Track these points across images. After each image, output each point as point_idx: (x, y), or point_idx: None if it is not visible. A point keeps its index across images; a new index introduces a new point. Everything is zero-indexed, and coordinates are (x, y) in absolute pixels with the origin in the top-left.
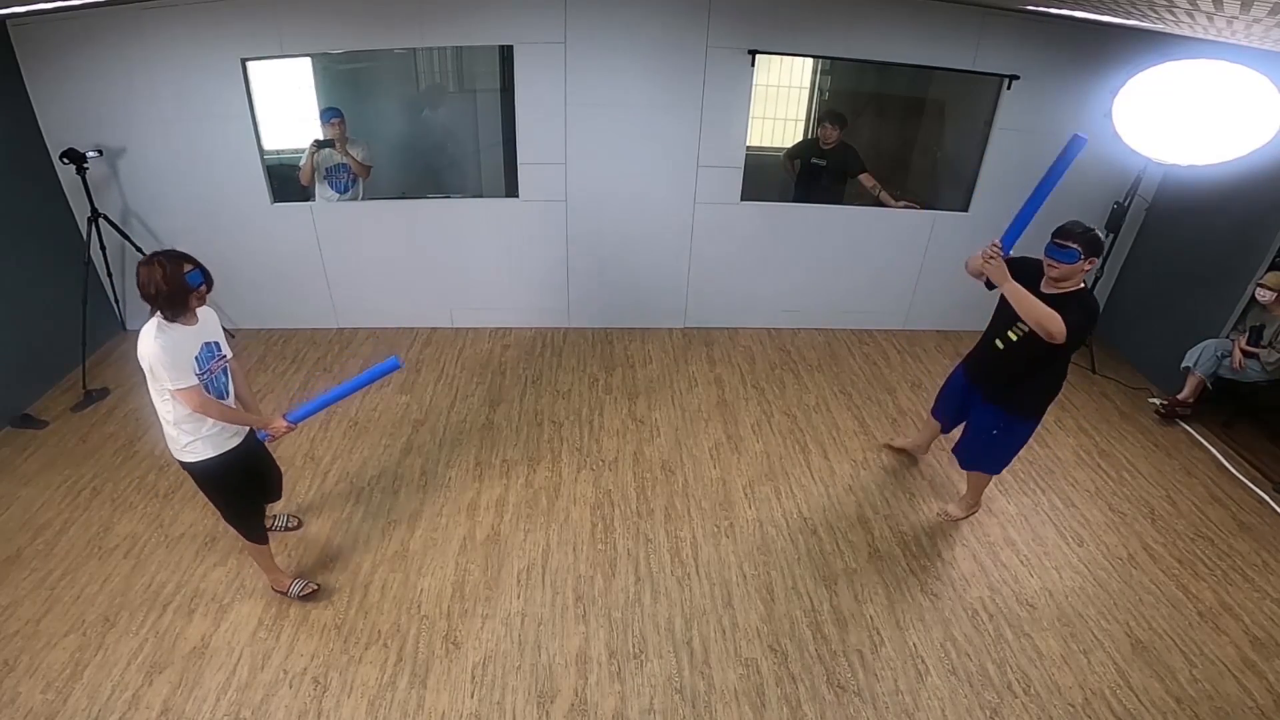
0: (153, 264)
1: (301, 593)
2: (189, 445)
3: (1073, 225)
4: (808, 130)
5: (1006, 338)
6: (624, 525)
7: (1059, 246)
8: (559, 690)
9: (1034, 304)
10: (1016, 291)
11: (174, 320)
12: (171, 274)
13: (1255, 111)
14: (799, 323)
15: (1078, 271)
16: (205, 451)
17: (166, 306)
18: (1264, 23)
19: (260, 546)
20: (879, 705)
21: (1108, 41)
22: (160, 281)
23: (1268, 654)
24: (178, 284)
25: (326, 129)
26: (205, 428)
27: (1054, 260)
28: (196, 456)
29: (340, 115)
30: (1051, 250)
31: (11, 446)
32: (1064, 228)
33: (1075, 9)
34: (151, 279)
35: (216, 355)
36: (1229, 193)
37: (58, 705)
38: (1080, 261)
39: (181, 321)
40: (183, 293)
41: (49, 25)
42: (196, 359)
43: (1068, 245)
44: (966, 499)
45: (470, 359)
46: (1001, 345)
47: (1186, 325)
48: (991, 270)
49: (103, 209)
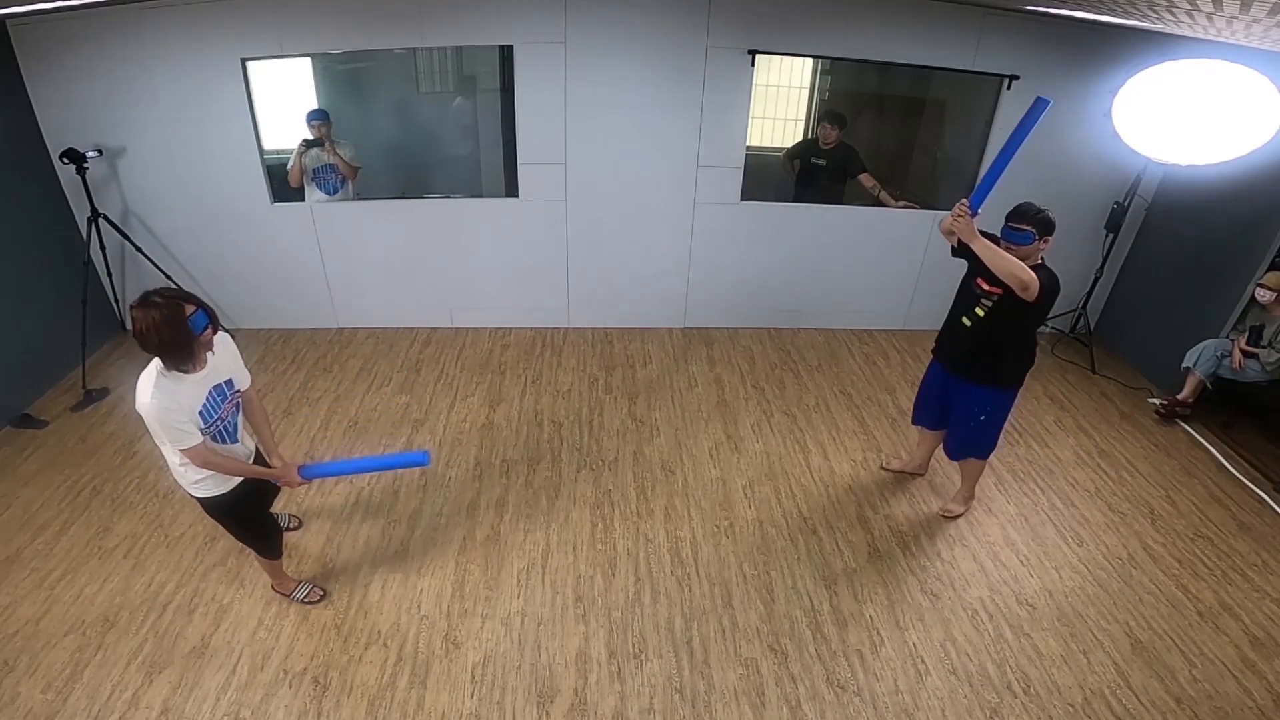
0: (148, 307)
1: (306, 598)
2: (197, 482)
3: (1026, 207)
4: (808, 130)
5: (974, 314)
6: (624, 525)
7: (1014, 229)
8: (559, 690)
9: (1005, 257)
10: (987, 247)
11: (179, 370)
12: (172, 319)
13: (1255, 111)
14: (799, 323)
15: (1035, 252)
16: (214, 488)
17: (170, 357)
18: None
19: (274, 562)
20: (879, 705)
21: (1108, 41)
22: (160, 328)
23: (1268, 654)
24: (180, 331)
25: (311, 130)
26: (205, 472)
27: (1011, 243)
28: (205, 492)
29: (325, 117)
30: (1007, 233)
31: (11, 446)
32: (1018, 210)
33: (1075, 9)
34: (150, 326)
35: (228, 397)
36: (1229, 193)
37: (58, 705)
38: (1036, 242)
39: (186, 370)
40: (186, 341)
41: (49, 25)
42: (202, 412)
43: (1022, 228)
44: (963, 492)
45: (470, 359)
46: (969, 322)
47: (1186, 325)
48: (961, 227)
49: (103, 209)
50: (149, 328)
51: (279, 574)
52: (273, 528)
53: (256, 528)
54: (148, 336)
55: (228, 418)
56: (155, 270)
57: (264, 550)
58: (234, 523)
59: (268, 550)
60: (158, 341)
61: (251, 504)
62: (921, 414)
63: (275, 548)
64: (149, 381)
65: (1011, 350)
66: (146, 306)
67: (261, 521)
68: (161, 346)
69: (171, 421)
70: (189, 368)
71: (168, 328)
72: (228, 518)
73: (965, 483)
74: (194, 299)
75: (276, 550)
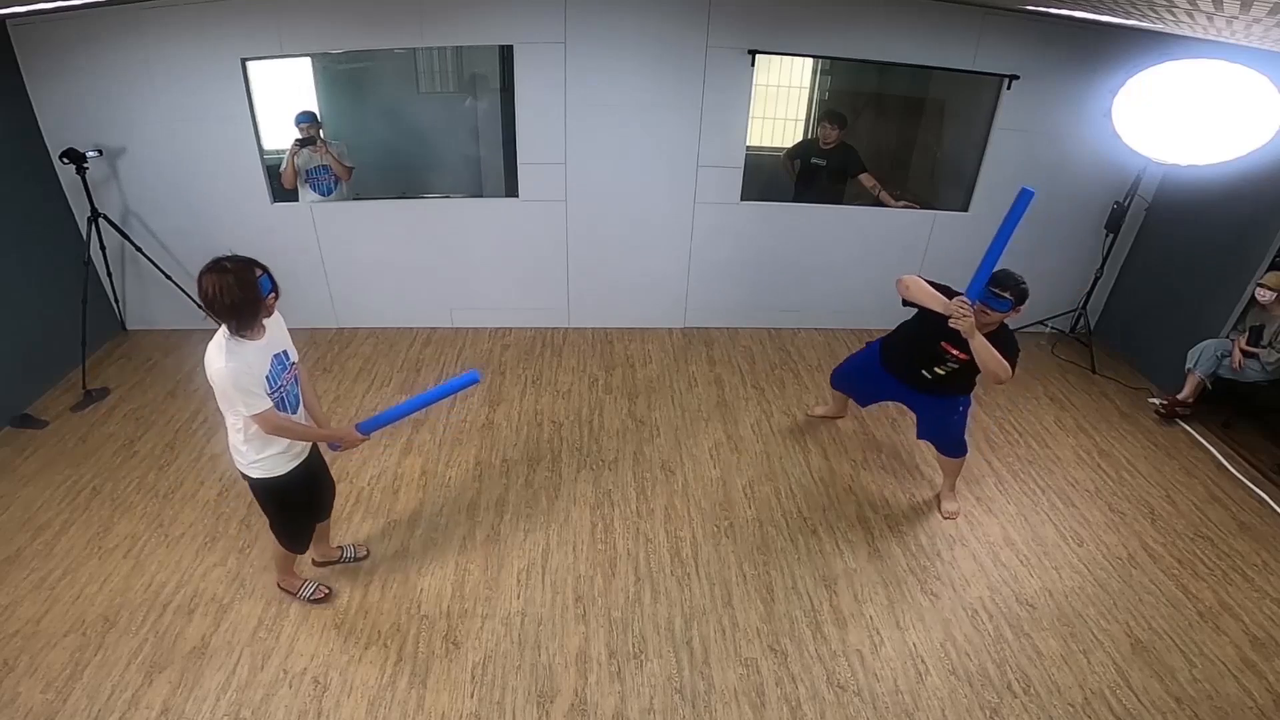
0: (222, 271)
1: (313, 596)
2: (255, 462)
3: (1006, 278)
4: (808, 130)
5: (934, 371)
6: (624, 525)
7: (995, 295)
8: (559, 690)
9: (993, 353)
10: (983, 347)
11: (242, 336)
12: (243, 280)
13: (1255, 111)
14: (799, 323)
15: (1004, 318)
16: (270, 470)
17: (238, 320)
18: (1264, 23)
19: (293, 555)
20: (879, 705)
21: (1108, 41)
22: (234, 290)
23: (1268, 654)
24: (251, 292)
25: (300, 132)
26: (273, 448)
27: (989, 308)
28: (261, 473)
29: (313, 119)
30: (989, 299)
31: (11, 446)
32: (999, 278)
33: (1075, 9)
34: (224, 289)
35: (287, 366)
36: (1229, 193)
37: (58, 705)
38: (1009, 310)
39: (249, 336)
40: (254, 302)
41: (49, 25)
42: (268, 377)
43: (1003, 295)
44: (948, 487)
45: (470, 359)
46: (930, 377)
47: (1186, 325)
48: (965, 327)
49: (103, 209)
50: (221, 289)
51: (289, 571)
52: (308, 523)
53: (297, 517)
54: (218, 298)
55: (288, 387)
56: (155, 270)
57: (292, 543)
58: (279, 508)
59: (296, 544)
60: (229, 303)
61: (301, 492)
62: (846, 387)
63: (304, 543)
64: (218, 348)
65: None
66: (218, 271)
67: (303, 512)
68: (231, 308)
69: (246, 384)
70: (252, 332)
71: (239, 289)
72: (276, 502)
73: (949, 478)
74: (259, 263)
75: (303, 546)
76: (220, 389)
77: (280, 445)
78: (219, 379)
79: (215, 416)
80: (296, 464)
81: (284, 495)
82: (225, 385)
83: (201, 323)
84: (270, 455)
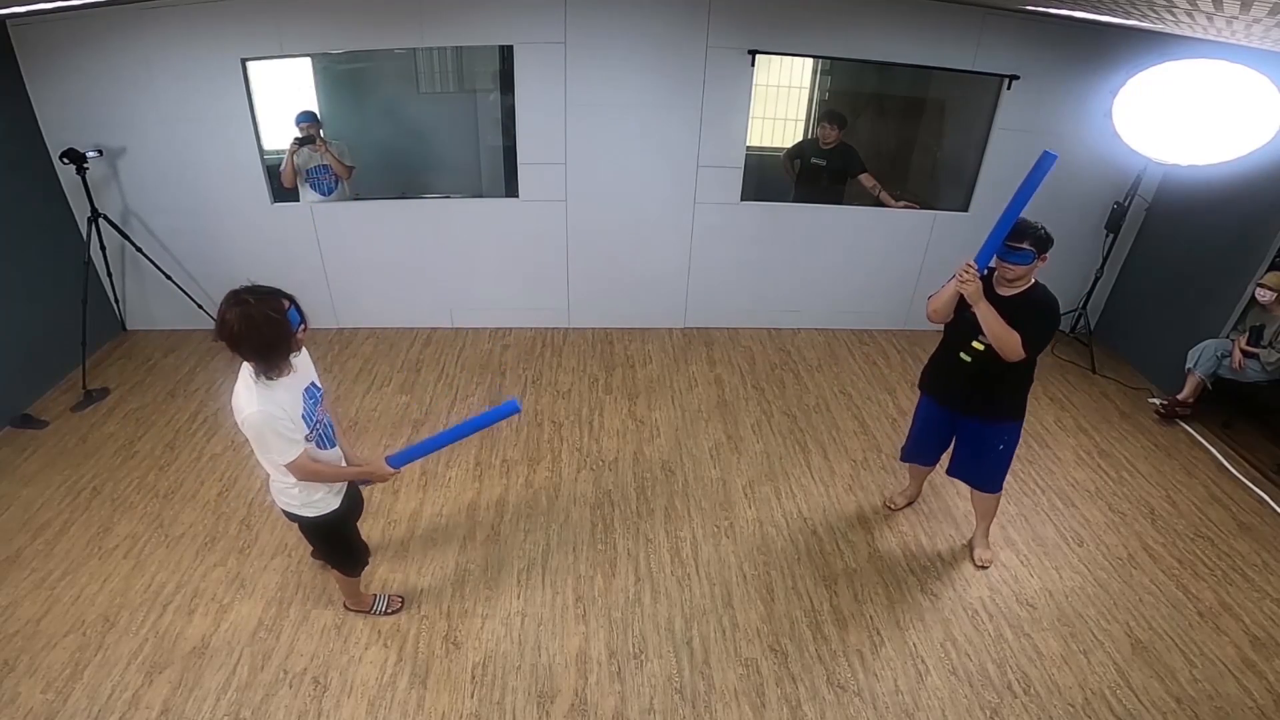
0: (243, 305)
1: (387, 609)
2: (307, 504)
3: (1023, 226)
4: (808, 130)
5: (972, 349)
6: (624, 525)
7: (1012, 249)
8: (559, 690)
9: (1001, 327)
10: (988, 314)
11: (271, 377)
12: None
13: (1255, 111)
14: (799, 323)
15: (1032, 270)
16: (322, 509)
17: (266, 361)
18: (1264, 23)
19: (355, 580)
20: (879, 705)
21: (1108, 41)
22: (262, 327)
23: (1268, 654)
24: (282, 329)
25: (300, 131)
26: (320, 491)
27: (1009, 263)
28: (314, 513)
29: (313, 119)
30: (1006, 253)
31: (11, 446)
32: (1016, 229)
33: (1075, 9)
34: (249, 327)
35: (319, 399)
36: (1229, 193)
37: (58, 705)
38: (1035, 261)
39: (279, 375)
40: (285, 339)
41: (49, 25)
42: (304, 416)
43: (1021, 246)
44: (982, 528)
45: (470, 359)
46: (969, 357)
47: (1186, 325)
48: (969, 291)
49: (103, 209)
50: (248, 327)
51: (356, 592)
52: (363, 545)
53: (351, 544)
54: (245, 337)
55: (324, 420)
56: (155, 270)
57: (351, 568)
58: (335, 542)
59: (355, 568)
60: (259, 342)
61: (351, 521)
62: (917, 453)
63: (361, 564)
64: (248, 391)
65: (1015, 377)
66: (241, 305)
67: (356, 538)
68: (262, 347)
69: (281, 429)
70: (280, 371)
71: (268, 326)
72: (331, 537)
73: (982, 522)
74: (285, 294)
75: (362, 564)
76: (255, 436)
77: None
78: (252, 426)
79: (215, 417)
80: (341, 496)
81: (340, 527)
82: (261, 431)
83: (201, 323)
84: (322, 495)
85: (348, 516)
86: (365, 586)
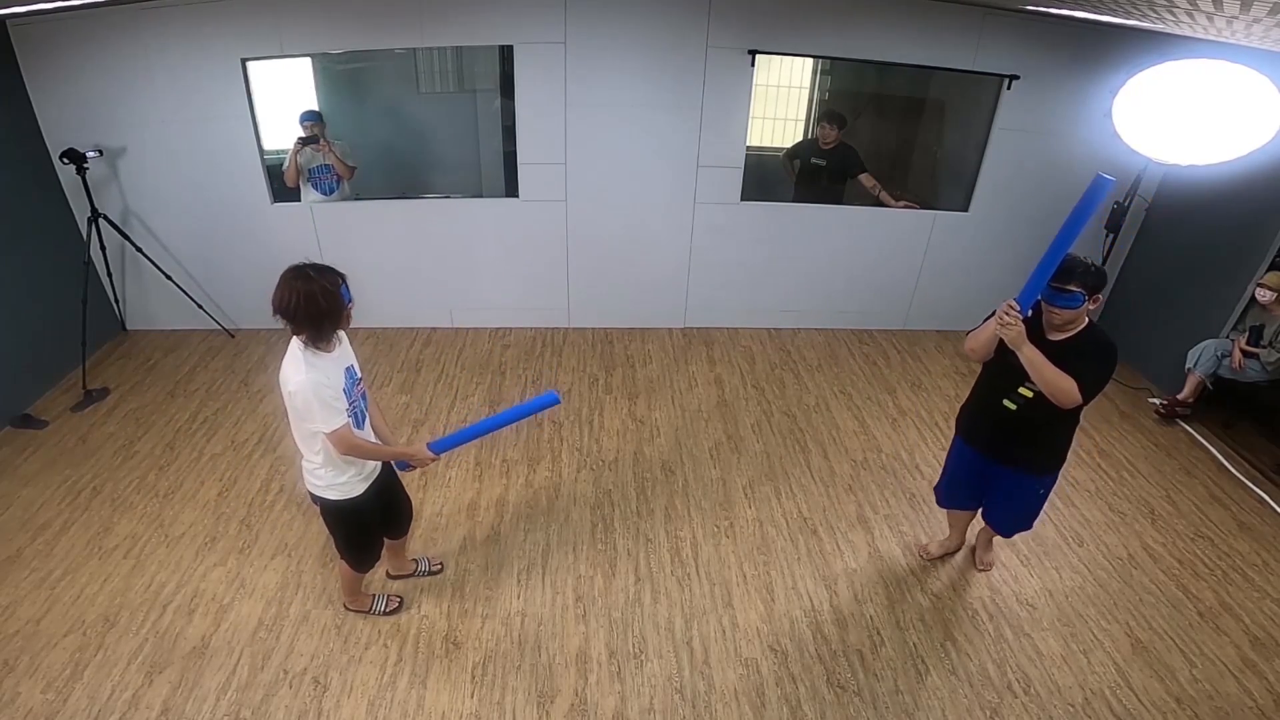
0: (307, 278)
1: (385, 609)
2: (333, 485)
3: (1072, 264)
4: (807, 130)
5: (1018, 396)
6: (624, 525)
7: (1058, 291)
8: (559, 690)
9: (1053, 372)
10: (1035, 358)
11: (319, 348)
12: (330, 289)
13: (1255, 111)
14: (799, 323)
15: (1083, 314)
16: (346, 492)
17: (319, 330)
18: (1264, 23)
19: (359, 577)
20: (879, 705)
21: (1108, 41)
22: (318, 297)
23: (1268, 654)
24: (337, 301)
25: (304, 130)
26: (350, 470)
27: (1055, 307)
28: (337, 495)
29: (318, 118)
30: (1051, 296)
31: (11, 446)
32: (1062, 268)
33: (1075, 9)
34: (308, 297)
35: (356, 381)
36: (1229, 193)
37: (58, 705)
38: (1082, 305)
39: (325, 348)
40: (339, 310)
41: (49, 25)
42: (344, 390)
43: (1068, 289)
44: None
45: (470, 359)
46: (1014, 405)
47: (1186, 325)
48: (1010, 335)
49: (103, 209)
50: (306, 297)
51: (357, 591)
52: (376, 541)
53: (367, 538)
54: (303, 307)
55: (359, 402)
56: (155, 270)
57: (360, 563)
58: (351, 530)
59: (363, 563)
60: (315, 311)
61: (373, 512)
62: (953, 498)
63: (371, 562)
64: (297, 360)
65: (1065, 426)
66: (303, 278)
67: (373, 533)
68: (317, 316)
69: (326, 396)
70: (329, 343)
71: (324, 297)
72: (348, 524)
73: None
74: (340, 272)
75: (370, 564)
76: (301, 403)
77: (357, 466)
78: (300, 391)
79: (215, 417)
80: (369, 485)
81: (357, 517)
82: (307, 397)
83: (202, 322)
84: (348, 478)
85: (369, 508)
86: (365, 586)
